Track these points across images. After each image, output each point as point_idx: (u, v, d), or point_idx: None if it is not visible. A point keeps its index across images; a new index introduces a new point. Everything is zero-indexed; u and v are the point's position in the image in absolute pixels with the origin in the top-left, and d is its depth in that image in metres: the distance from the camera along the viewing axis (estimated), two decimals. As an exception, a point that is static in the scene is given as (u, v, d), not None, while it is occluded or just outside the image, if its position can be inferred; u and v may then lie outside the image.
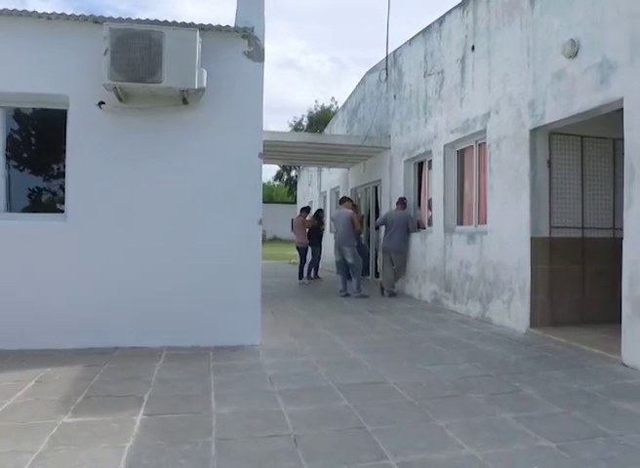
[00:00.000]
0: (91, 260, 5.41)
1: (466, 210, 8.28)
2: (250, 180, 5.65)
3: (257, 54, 5.67)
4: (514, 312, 6.45)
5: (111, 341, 5.33)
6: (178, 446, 2.99)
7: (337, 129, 15.83)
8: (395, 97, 10.70)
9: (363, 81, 13.16)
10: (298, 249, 12.90)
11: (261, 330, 5.81)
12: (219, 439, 3.10)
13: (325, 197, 17.55)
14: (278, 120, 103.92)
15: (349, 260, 9.84)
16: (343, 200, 10.41)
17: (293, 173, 46.30)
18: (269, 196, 63.57)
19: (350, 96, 14.46)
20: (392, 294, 9.74)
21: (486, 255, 7.12)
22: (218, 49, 5.52)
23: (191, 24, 5.33)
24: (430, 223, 9.36)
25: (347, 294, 9.86)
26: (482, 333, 6.32)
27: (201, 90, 5.35)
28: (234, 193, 5.59)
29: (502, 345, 5.67)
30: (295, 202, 24.76)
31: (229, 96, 5.61)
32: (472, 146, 7.96)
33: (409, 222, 9.70)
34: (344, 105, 15.15)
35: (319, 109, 49.51)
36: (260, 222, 5.68)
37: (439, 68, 8.68)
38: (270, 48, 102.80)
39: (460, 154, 8.41)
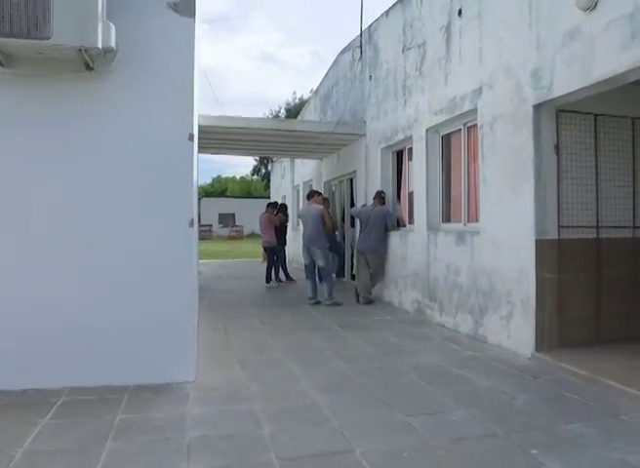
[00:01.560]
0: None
1: (454, 205, 7.08)
2: (178, 170, 4.35)
3: (185, 6, 4.37)
4: (515, 331, 5.27)
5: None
6: None
7: (309, 117, 14.52)
8: (371, 77, 9.44)
9: (336, 63, 11.89)
10: (265, 249, 11.62)
11: (200, 358, 4.58)
12: None
13: (298, 191, 16.27)
14: (257, 114, 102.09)
15: (320, 263, 8.59)
16: (312, 194, 9.12)
17: (270, 166, 44.93)
18: (247, 191, 62.30)
19: (322, 80, 13.18)
20: (369, 301, 8.53)
21: (478, 260, 5.92)
22: (131, -3, 4.22)
23: (92, -38, 4.00)
24: (412, 221, 8.16)
25: (318, 302, 8.63)
26: (477, 359, 5.12)
27: (109, 51, 4.02)
28: (157, 187, 4.29)
29: (504, 378, 4.47)
30: (270, 197, 23.46)
31: (149, 60, 4.30)
32: (460, 130, 6.75)
33: (387, 220, 8.50)
34: (316, 91, 13.87)
35: (297, 101, 48.09)
36: (192, 224, 4.38)
37: (420, 40, 7.44)
38: (249, 40, 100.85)
39: (446, 140, 7.20)
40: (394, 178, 8.95)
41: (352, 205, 10.72)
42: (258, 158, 51.80)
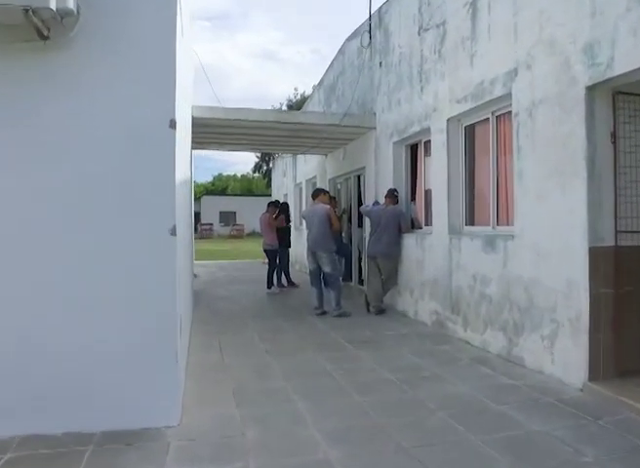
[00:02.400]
0: None
1: (479, 205, 6.25)
2: (156, 165, 3.53)
3: (166, -38, 3.55)
4: (561, 355, 4.44)
5: None
6: None
7: (312, 110, 13.69)
8: (381, 64, 8.60)
9: (342, 51, 11.04)
10: (265, 252, 10.78)
11: (188, 388, 3.78)
12: None
13: (301, 189, 15.43)
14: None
15: (326, 269, 7.77)
16: (317, 193, 8.27)
17: (271, 163, 44.07)
18: (249, 189, 61.43)
19: (327, 70, 12.34)
20: (380, 311, 7.71)
21: (513, 269, 5.09)
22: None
23: None
24: (429, 222, 7.34)
25: (324, 312, 7.81)
26: (516, 389, 4.29)
27: (67, 15, 3.21)
28: (128, 188, 3.47)
29: (558, 419, 3.64)
30: (271, 195, 22.60)
31: (121, 29, 3.48)
32: (488, 119, 5.91)
33: (401, 221, 7.68)
34: (321, 83, 13.02)
35: (299, 97, 47.19)
36: (174, 232, 3.56)
37: (439, 20, 6.60)
38: (249, 38, 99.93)
39: (470, 131, 6.37)
40: (408, 175, 8.12)
41: (360, 204, 9.86)
42: (259, 155, 50.96)
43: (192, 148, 11.18)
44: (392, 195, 7.80)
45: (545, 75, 4.63)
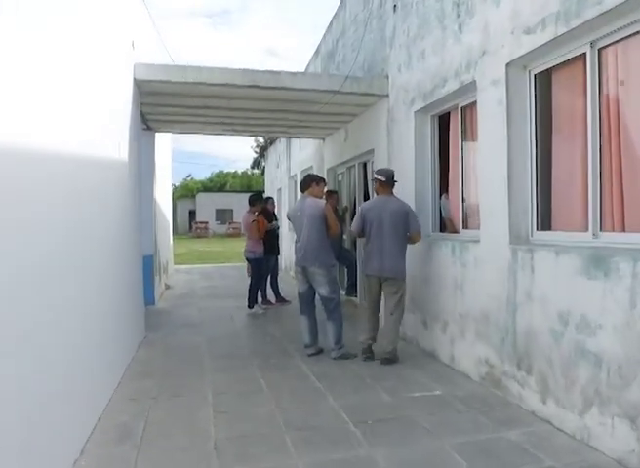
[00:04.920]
0: None
1: (562, 198, 3.94)
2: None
3: None
4: None
5: None
6: None
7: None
8: (395, 7, 6.28)
9: (342, 5, 8.69)
10: (247, 260, 8.45)
11: None
12: None
13: (295, 182, 13.07)
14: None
15: (322, 292, 5.45)
16: (308, 182, 5.76)
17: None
18: (248, 186, 58.81)
19: (324, 35, 10.00)
20: (391, 360, 5.16)
21: (656, 314, 2.79)
22: None
23: None
24: (467, 224, 5.05)
25: (319, 351, 5.54)
26: None
27: None
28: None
29: None
30: (265, 191, 20.25)
31: None
32: (582, 57, 3.60)
33: (410, 222, 5.20)
34: (317, 51, 10.65)
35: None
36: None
37: None
38: (249, 34, 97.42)
39: (545, 81, 4.05)
40: (436, 158, 5.80)
41: (367, 199, 7.49)
42: (257, 150, 48.58)
43: (153, 130, 8.89)
44: (389, 180, 5.34)
45: None
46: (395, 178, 5.38)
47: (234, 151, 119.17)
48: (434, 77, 5.29)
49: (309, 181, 5.70)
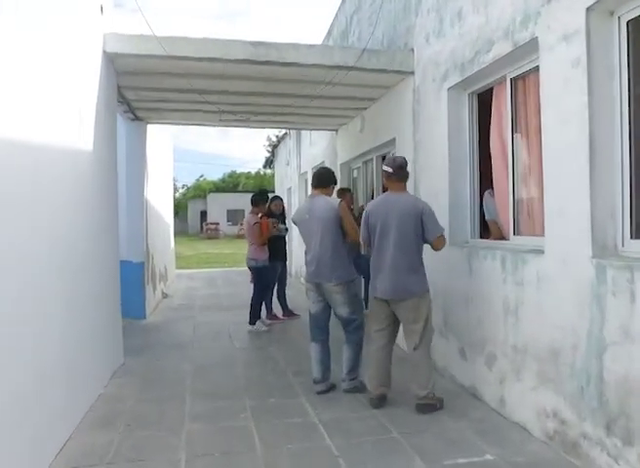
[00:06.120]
0: None
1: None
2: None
3: None
4: None
5: None
6: None
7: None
8: (423, -35, 5.17)
9: (357, -24, 7.58)
10: (250, 269, 7.36)
11: None
12: None
13: (306, 180, 11.99)
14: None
15: (342, 313, 4.36)
16: (327, 178, 4.61)
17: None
18: (260, 186, 57.54)
19: (337, 14, 8.89)
20: (431, 407, 3.92)
21: None
22: None
23: None
24: (518, 230, 3.92)
25: (331, 388, 4.44)
26: None
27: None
28: None
29: None
30: (275, 190, 19.17)
31: None
32: None
33: (426, 224, 3.93)
34: (329, 32, 9.52)
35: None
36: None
37: None
38: (250, 34, 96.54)
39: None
40: (475, 145, 4.67)
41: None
42: (269, 148, 47.55)
43: (144, 121, 7.86)
44: (397, 171, 4.07)
45: None
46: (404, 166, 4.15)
47: (248, 151, 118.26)
48: (475, 42, 4.16)
49: (328, 179, 4.57)
